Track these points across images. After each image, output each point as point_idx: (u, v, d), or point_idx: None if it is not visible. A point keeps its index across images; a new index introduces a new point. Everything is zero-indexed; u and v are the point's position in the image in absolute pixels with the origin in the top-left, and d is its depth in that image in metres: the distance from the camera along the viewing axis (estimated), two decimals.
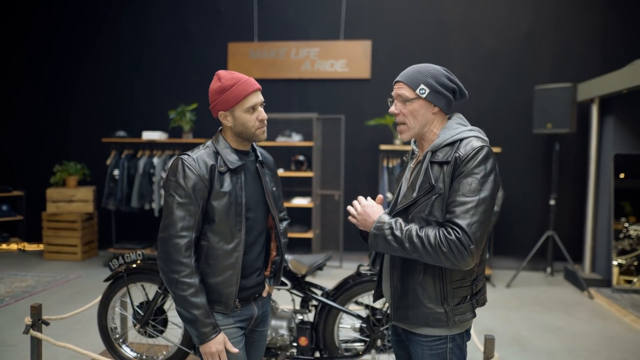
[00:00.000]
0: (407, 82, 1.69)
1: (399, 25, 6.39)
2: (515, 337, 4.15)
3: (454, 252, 1.51)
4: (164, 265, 1.78)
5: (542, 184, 6.19)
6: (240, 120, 1.85)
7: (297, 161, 6.18)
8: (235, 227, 1.85)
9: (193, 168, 1.78)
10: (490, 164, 1.59)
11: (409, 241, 1.57)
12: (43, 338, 2.77)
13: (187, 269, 1.76)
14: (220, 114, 1.88)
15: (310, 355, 3.04)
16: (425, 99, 1.68)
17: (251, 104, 1.84)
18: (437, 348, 1.69)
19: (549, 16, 6.12)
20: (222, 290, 1.84)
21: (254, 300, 1.98)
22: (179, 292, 1.76)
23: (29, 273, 5.87)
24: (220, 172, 1.82)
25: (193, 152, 1.85)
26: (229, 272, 1.84)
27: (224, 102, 1.84)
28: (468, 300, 1.67)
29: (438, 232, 1.55)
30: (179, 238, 1.76)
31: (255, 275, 1.96)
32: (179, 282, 1.75)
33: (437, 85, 1.68)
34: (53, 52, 7.15)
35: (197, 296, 1.76)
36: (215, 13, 6.72)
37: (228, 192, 1.82)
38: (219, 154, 1.86)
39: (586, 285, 5.30)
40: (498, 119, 6.22)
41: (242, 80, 1.85)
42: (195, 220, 1.78)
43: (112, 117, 7.00)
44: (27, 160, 7.30)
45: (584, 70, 5.95)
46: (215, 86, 1.87)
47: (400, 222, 1.61)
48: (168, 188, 1.80)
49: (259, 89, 1.88)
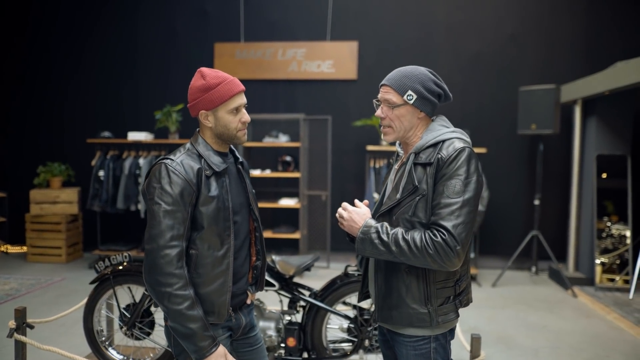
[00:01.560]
0: (394, 87, 1.70)
1: (385, 26, 6.42)
2: (500, 335, 4.20)
3: (441, 254, 1.54)
4: (151, 279, 1.66)
5: (527, 184, 6.27)
6: (222, 121, 1.78)
7: (284, 162, 6.18)
8: (225, 232, 1.77)
9: (179, 173, 1.68)
10: (473, 165, 1.61)
11: (395, 245, 1.58)
12: (27, 342, 2.73)
13: (180, 281, 1.65)
14: (201, 113, 1.79)
15: (298, 355, 3.04)
16: (413, 105, 1.69)
17: (235, 105, 1.78)
18: (421, 348, 1.71)
19: (533, 18, 6.21)
20: (214, 299, 1.75)
21: (240, 308, 1.92)
22: (174, 307, 1.64)
23: (12, 275, 5.78)
24: (206, 175, 1.74)
25: (175, 156, 1.75)
26: (221, 280, 1.76)
27: (207, 101, 1.75)
28: (451, 301, 1.69)
29: (424, 234, 1.57)
30: (170, 248, 1.65)
31: (243, 281, 1.90)
32: (172, 296, 1.63)
33: (424, 91, 1.69)
34: (36, 52, 7.05)
35: (193, 309, 1.65)
36: (202, 13, 6.68)
37: (216, 196, 1.75)
38: (202, 156, 1.77)
39: (570, 284, 5.38)
40: (483, 120, 6.29)
41: (227, 79, 1.78)
42: (185, 228, 1.68)
43: (98, 118, 6.92)
44: (9, 161, 7.18)
45: (567, 72, 6.04)
46: (198, 84, 1.78)
47: (386, 226, 1.63)
48: (152, 195, 1.68)
49: (243, 90, 1.82)
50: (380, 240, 1.61)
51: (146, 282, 1.68)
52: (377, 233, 1.62)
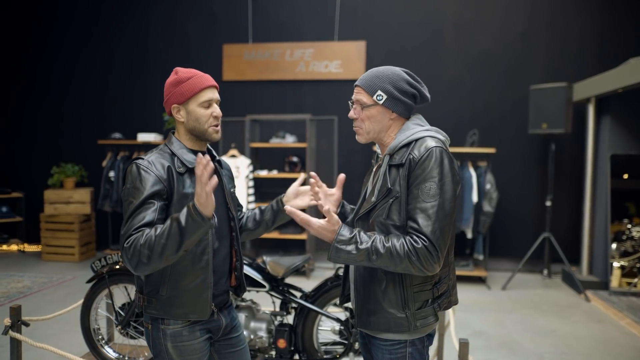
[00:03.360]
0: (364, 87, 1.67)
1: (393, 25, 6.36)
2: (505, 340, 4.10)
3: (422, 260, 1.50)
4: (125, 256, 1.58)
5: (538, 185, 6.12)
6: (193, 114, 1.78)
7: (290, 162, 6.18)
8: None
9: (149, 169, 1.69)
10: (447, 165, 1.56)
11: (375, 253, 1.53)
12: (22, 339, 2.78)
13: (136, 236, 1.57)
14: (173, 107, 1.80)
15: (289, 357, 3.02)
16: (383, 105, 1.66)
17: (206, 99, 1.78)
18: (397, 352, 1.67)
19: (544, 15, 6.06)
20: (196, 296, 1.76)
21: (220, 310, 1.91)
22: (146, 251, 1.53)
23: (26, 274, 5.92)
24: (179, 172, 1.75)
25: (147, 155, 1.76)
26: (201, 277, 1.76)
27: (178, 94, 1.77)
28: (430, 304, 1.65)
29: (405, 241, 1.53)
30: (137, 231, 1.59)
31: (223, 281, 1.89)
32: (137, 251, 1.54)
33: (394, 91, 1.65)
34: (49, 54, 7.22)
35: (153, 232, 1.55)
36: (210, 15, 6.73)
37: (191, 193, 1.74)
38: (175, 154, 1.78)
39: (583, 288, 5.23)
40: (493, 120, 6.17)
41: (199, 74, 1.80)
42: (154, 218, 1.63)
43: (108, 119, 7.04)
44: (26, 162, 7.37)
45: (579, 70, 5.88)
46: (171, 79, 1.81)
47: (363, 235, 1.56)
48: (127, 196, 1.68)
49: (215, 86, 1.83)
50: (357, 250, 1.54)
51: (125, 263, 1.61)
52: (355, 244, 1.54)
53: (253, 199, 6.07)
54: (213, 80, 1.83)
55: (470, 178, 5.56)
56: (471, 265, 5.78)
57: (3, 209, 7.12)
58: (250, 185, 5.98)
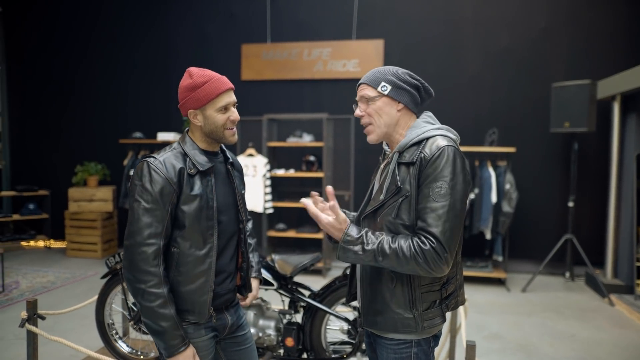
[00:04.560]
0: (368, 83, 1.68)
1: (411, 23, 6.29)
2: (522, 343, 4.01)
3: (430, 262, 1.48)
4: (129, 274, 1.67)
5: (560, 185, 5.97)
6: (211, 119, 1.76)
7: (307, 162, 6.18)
8: (208, 231, 1.76)
9: (160, 171, 1.68)
10: (459, 165, 1.54)
11: (382, 254, 1.53)
12: (37, 332, 2.85)
13: (155, 279, 1.65)
14: (190, 112, 1.78)
15: (297, 356, 3.02)
16: (388, 95, 1.65)
17: (223, 104, 1.76)
18: (402, 352, 1.65)
19: (567, 10, 5.90)
20: (195, 298, 1.75)
21: (226, 308, 1.91)
22: (146, 304, 1.65)
23: (51, 269, 6.09)
24: (189, 174, 1.73)
25: (159, 155, 1.75)
26: (202, 280, 1.76)
27: (195, 99, 1.75)
28: (437, 305, 1.63)
29: (412, 242, 1.51)
30: (146, 246, 1.65)
31: (228, 281, 1.89)
32: (146, 293, 1.64)
33: (398, 81, 1.65)
34: (74, 56, 7.40)
35: (165, 307, 1.66)
36: (229, 15, 6.79)
37: (199, 195, 1.74)
38: (187, 155, 1.77)
39: (607, 292, 5.08)
40: (513, 118, 6.04)
41: (214, 78, 1.76)
42: (163, 227, 1.68)
43: (129, 119, 7.18)
44: (52, 161, 7.57)
45: (604, 66, 5.70)
46: (186, 83, 1.78)
47: (370, 236, 1.56)
48: (133, 193, 1.69)
49: (232, 88, 1.80)
50: (364, 251, 1.54)
51: (125, 277, 1.70)
52: (362, 244, 1.54)
53: (270, 198, 6.10)
54: (229, 83, 1.81)
55: (490, 178, 5.46)
56: (490, 266, 5.68)
57: (30, 206, 7.33)
58: (267, 185, 6.01)
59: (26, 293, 5.10)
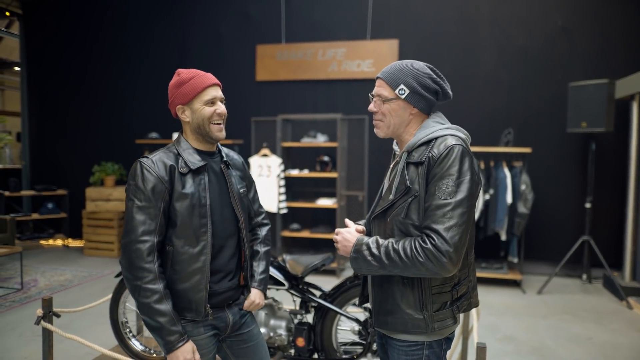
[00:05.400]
0: (387, 81, 1.65)
1: (426, 23, 6.25)
2: (537, 346, 3.96)
3: (432, 261, 1.46)
4: (127, 272, 1.70)
5: (577, 186, 5.87)
6: (197, 113, 1.81)
7: (322, 162, 6.18)
8: (200, 229, 1.79)
9: (152, 170, 1.73)
10: (467, 164, 1.52)
11: (387, 258, 1.53)
12: (52, 329, 2.90)
13: (150, 275, 1.68)
14: (178, 108, 1.83)
15: (308, 356, 3.02)
16: (405, 99, 1.63)
17: (209, 97, 1.81)
18: (413, 354, 1.64)
19: (584, 8, 5.80)
20: (191, 296, 1.78)
21: (227, 306, 1.93)
22: (143, 300, 1.68)
23: (68, 268, 6.19)
24: (181, 173, 1.77)
25: (152, 155, 1.81)
26: (197, 277, 1.78)
27: (181, 95, 1.81)
28: (448, 306, 1.61)
29: (413, 242, 1.50)
30: (141, 243, 1.69)
31: (227, 280, 1.90)
32: (142, 289, 1.68)
33: (417, 86, 1.62)
34: (91, 58, 7.52)
35: (161, 303, 1.69)
36: (244, 16, 6.83)
37: (190, 193, 1.77)
38: (180, 155, 1.81)
39: (625, 294, 4.98)
40: (529, 118, 5.97)
41: (201, 73, 1.83)
42: (156, 224, 1.73)
43: (145, 120, 7.26)
44: (70, 161, 7.71)
45: (622, 65, 5.59)
46: (173, 81, 1.85)
47: (377, 240, 1.57)
48: (128, 192, 1.75)
49: (218, 84, 1.85)
50: (372, 256, 1.56)
51: (123, 276, 1.74)
52: (369, 249, 1.56)
53: (284, 198, 6.12)
54: (215, 79, 1.86)
55: (505, 178, 5.40)
56: (505, 268, 5.61)
57: (49, 206, 7.47)
58: (281, 185, 6.03)
59: (44, 291, 5.20)
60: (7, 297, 4.95)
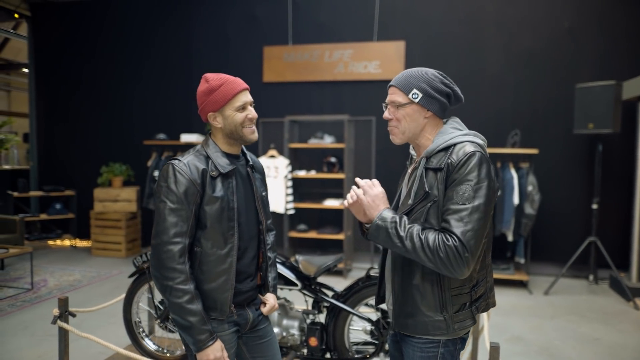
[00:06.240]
0: (399, 87, 1.69)
1: (433, 24, 6.28)
2: (545, 346, 3.98)
3: (450, 259, 1.50)
4: (157, 272, 1.73)
5: (584, 187, 5.89)
6: (230, 119, 1.83)
7: (329, 163, 6.21)
8: (228, 232, 1.83)
9: (184, 173, 1.75)
10: (485, 170, 1.56)
11: (409, 239, 1.55)
12: (68, 328, 2.94)
13: (181, 276, 1.72)
14: (209, 115, 1.86)
15: (320, 356, 3.06)
16: (418, 103, 1.67)
17: (240, 103, 1.83)
18: (428, 351, 1.67)
19: (591, 10, 5.82)
20: (217, 296, 1.82)
21: (247, 305, 1.97)
22: (174, 300, 1.72)
23: (77, 268, 6.24)
24: (211, 176, 1.80)
25: (183, 157, 1.81)
26: (223, 278, 1.82)
27: (212, 102, 1.83)
28: (467, 308, 1.65)
29: (437, 236, 1.53)
30: (172, 244, 1.72)
31: (249, 280, 1.95)
32: (174, 290, 1.71)
33: (430, 89, 1.66)
34: (99, 59, 7.57)
35: (192, 303, 1.73)
36: (251, 18, 6.87)
37: (220, 197, 1.80)
38: (210, 158, 1.83)
39: (632, 295, 5.00)
40: (536, 120, 5.99)
41: (230, 79, 1.84)
42: (188, 226, 1.75)
43: (153, 121, 7.30)
44: (78, 162, 7.75)
45: (629, 67, 5.61)
46: (202, 88, 1.86)
47: (404, 220, 1.60)
48: (159, 194, 1.77)
49: (247, 88, 1.88)
50: (396, 231, 1.57)
51: (152, 275, 1.77)
52: (395, 224, 1.58)
53: (292, 199, 6.15)
54: (244, 83, 1.88)
55: (512, 179, 5.42)
56: (512, 268, 5.63)
57: (57, 206, 7.52)
58: (289, 185, 6.06)
59: (54, 291, 5.24)
60: (18, 297, 5.00)
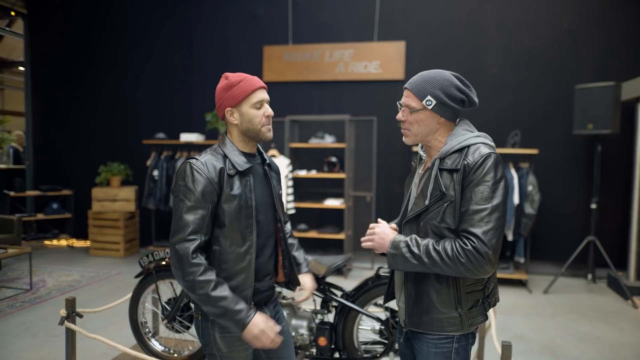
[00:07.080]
0: (414, 92, 1.71)
1: (433, 25, 6.31)
2: (547, 345, 4.02)
3: (473, 262, 1.54)
4: (177, 271, 1.74)
5: (583, 187, 5.95)
6: (246, 116, 1.85)
7: (329, 162, 6.22)
8: (247, 230, 1.83)
9: (202, 172, 1.76)
10: (500, 171, 1.61)
11: (427, 256, 1.59)
12: (76, 329, 2.92)
13: (200, 267, 1.72)
14: (227, 111, 1.87)
15: (330, 355, 3.06)
16: (432, 110, 1.69)
17: (258, 99, 1.85)
18: (443, 347, 1.70)
19: (590, 11, 5.88)
20: (237, 294, 1.81)
21: (265, 304, 1.98)
22: (200, 292, 1.71)
23: (75, 268, 6.19)
24: (229, 175, 1.81)
25: (201, 156, 1.83)
26: (243, 276, 1.83)
27: (231, 97, 1.84)
28: (480, 304, 1.69)
29: (454, 243, 1.57)
30: (189, 242, 1.73)
31: (267, 278, 1.96)
32: (197, 282, 1.71)
33: (444, 97, 1.68)
34: (97, 57, 7.51)
35: (217, 289, 1.72)
36: (251, 17, 6.85)
37: (238, 195, 1.81)
38: (227, 156, 1.84)
39: (630, 294, 5.06)
40: (536, 120, 6.04)
41: (248, 77, 1.87)
42: (205, 224, 1.76)
43: (152, 120, 7.27)
44: (75, 161, 7.69)
45: (628, 68, 5.68)
46: (222, 84, 1.88)
47: (416, 239, 1.64)
48: (177, 193, 1.78)
49: (264, 86, 1.89)
50: (411, 253, 1.62)
51: (175, 276, 1.77)
52: (408, 247, 1.62)
53: (292, 199, 6.15)
54: (262, 82, 1.90)
55: (512, 179, 5.46)
56: (512, 268, 5.68)
57: (54, 206, 7.46)
58: (289, 185, 6.06)
59: (53, 291, 5.20)
60: (17, 298, 4.95)
